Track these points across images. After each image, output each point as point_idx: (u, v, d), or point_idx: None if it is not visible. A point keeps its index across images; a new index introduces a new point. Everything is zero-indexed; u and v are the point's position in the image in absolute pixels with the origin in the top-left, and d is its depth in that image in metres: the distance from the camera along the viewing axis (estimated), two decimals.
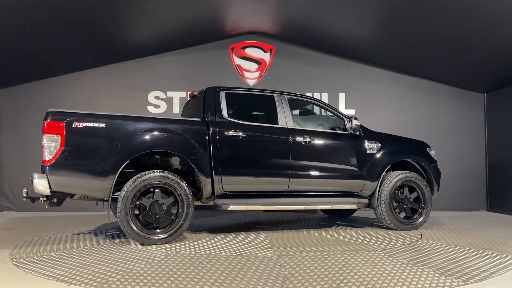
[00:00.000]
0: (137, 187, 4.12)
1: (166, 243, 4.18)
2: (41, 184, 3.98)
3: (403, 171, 5.23)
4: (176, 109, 7.57)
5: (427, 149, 5.53)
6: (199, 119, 4.68)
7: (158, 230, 4.21)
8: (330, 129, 5.32)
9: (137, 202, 4.18)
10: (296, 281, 2.91)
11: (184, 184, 4.29)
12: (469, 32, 5.86)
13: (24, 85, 7.52)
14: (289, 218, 6.37)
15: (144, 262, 3.41)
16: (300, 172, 4.84)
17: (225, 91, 4.89)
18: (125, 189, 4.10)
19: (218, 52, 7.73)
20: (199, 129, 4.52)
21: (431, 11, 5.58)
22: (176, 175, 4.31)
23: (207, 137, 4.50)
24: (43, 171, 4.09)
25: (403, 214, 5.24)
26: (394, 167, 5.41)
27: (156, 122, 4.48)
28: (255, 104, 5.43)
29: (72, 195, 4.36)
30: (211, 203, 4.68)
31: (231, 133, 4.59)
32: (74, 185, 4.14)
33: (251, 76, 7.75)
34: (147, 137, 4.29)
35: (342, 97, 7.77)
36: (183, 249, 3.96)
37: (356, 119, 5.07)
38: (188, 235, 4.75)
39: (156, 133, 4.34)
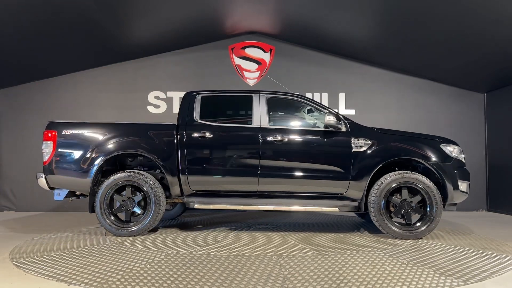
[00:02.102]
0: (109, 185, 4.73)
1: (136, 236, 4.67)
2: (41, 182, 4.92)
3: (400, 171, 4.67)
4: (176, 109, 7.57)
5: (441, 145, 4.79)
6: (173, 123, 5.01)
7: (130, 224, 4.75)
8: (324, 127, 4.93)
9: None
10: (296, 281, 2.91)
11: (151, 183, 4.72)
12: (469, 32, 5.85)
13: (24, 85, 7.53)
14: (304, 219, 6.36)
15: (144, 262, 3.41)
16: (270, 172, 4.73)
17: (201, 95, 5.12)
18: (101, 186, 4.74)
19: (218, 52, 7.73)
20: (168, 132, 4.87)
21: (431, 11, 5.58)
22: (143, 174, 4.77)
23: (175, 140, 4.82)
24: (43, 171, 4.90)
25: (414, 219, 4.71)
26: (405, 167, 4.97)
27: (127, 127, 5.02)
28: (233, 106, 5.39)
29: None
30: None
31: (198, 134, 4.83)
32: (64, 183, 4.89)
33: (251, 76, 7.75)
34: (118, 141, 4.85)
35: (342, 97, 7.77)
36: (183, 249, 3.96)
37: (332, 114, 4.69)
38: (187, 235, 4.76)
39: (125, 137, 4.89)
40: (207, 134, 4.82)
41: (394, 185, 4.60)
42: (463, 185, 4.74)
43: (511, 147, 7.12)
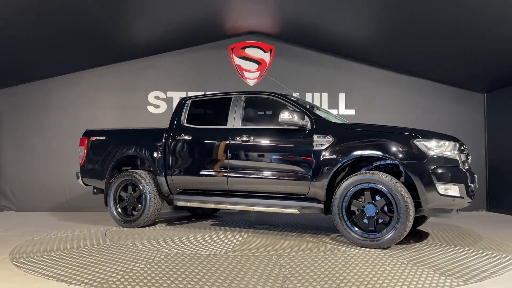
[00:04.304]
0: (116, 183, 5.41)
1: (136, 227, 5.24)
2: (79, 181, 5.79)
3: (362, 171, 4.23)
4: None
5: (415, 141, 4.06)
6: (165, 127, 5.42)
7: (131, 217, 5.33)
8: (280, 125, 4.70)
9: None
10: (296, 281, 2.91)
11: (144, 182, 5.21)
12: (469, 32, 5.85)
13: (24, 85, 7.53)
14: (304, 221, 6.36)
15: (144, 262, 3.41)
16: (237, 172, 4.80)
17: (191, 100, 5.48)
18: (111, 184, 5.46)
19: (218, 52, 7.73)
20: (157, 135, 5.33)
21: (431, 12, 5.58)
22: (140, 174, 5.29)
23: (163, 143, 5.27)
24: (80, 171, 5.78)
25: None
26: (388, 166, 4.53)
27: (128, 132, 5.72)
28: (217, 108, 5.41)
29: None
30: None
31: (180, 137, 5.19)
32: (92, 182, 5.71)
33: (251, 76, 7.75)
34: (124, 145, 5.49)
35: (342, 97, 7.77)
36: (183, 249, 3.96)
37: (289, 111, 4.41)
38: (188, 235, 4.76)
39: (130, 142, 5.50)
40: (188, 137, 5.14)
41: (354, 187, 4.11)
42: (449, 188, 3.93)
43: (511, 147, 7.12)
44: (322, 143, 4.39)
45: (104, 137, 5.62)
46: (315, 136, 4.43)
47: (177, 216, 6.62)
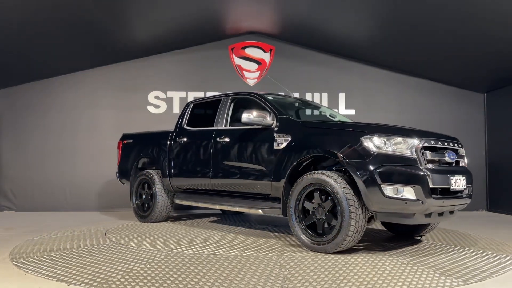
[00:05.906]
0: (136, 181, 5.91)
1: (149, 223, 5.64)
2: (117, 178, 6.35)
3: (313, 172, 3.95)
4: (176, 109, 7.58)
5: (361, 138, 3.68)
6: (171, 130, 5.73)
7: (145, 213, 5.74)
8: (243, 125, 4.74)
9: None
10: (296, 281, 2.91)
11: (154, 181, 5.59)
12: (469, 32, 5.86)
13: (24, 85, 7.53)
14: None
15: (144, 262, 3.41)
16: (217, 172, 4.92)
17: (193, 103, 5.75)
18: (133, 183, 5.98)
19: (218, 52, 7.73)
20: (164, 138, 5.66)
21: (431, 11, 5.58)
22: (151, 174, 5.68)
23: (167, 145, 5.59)
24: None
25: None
26: None
27: (147, 136, 6.10)
28: (211, 110, 5.44)
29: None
30: None
31: (179, 139, 5.47)
32: (125, 181, 6.23)
33: (251, 76, 7.75)
34: (141, 148, 6.01)
35: (342, 97, 7.77)
36: (183, 249, 3.96)
37: (255, 111, 4.35)
38: (187, 235, 4.76)
39: (145, 144, 5.99)
40: (185, 139, 5.39)
41: (306, 187, 3.91)
42: (401, 190, 3.51)
43: (511, 147, 7.12)
44: (281, 142, 4.27)
45: (131, 140, 6.15)
46: (276, 135, 4.32)
47: (188, 214, 6.73)
